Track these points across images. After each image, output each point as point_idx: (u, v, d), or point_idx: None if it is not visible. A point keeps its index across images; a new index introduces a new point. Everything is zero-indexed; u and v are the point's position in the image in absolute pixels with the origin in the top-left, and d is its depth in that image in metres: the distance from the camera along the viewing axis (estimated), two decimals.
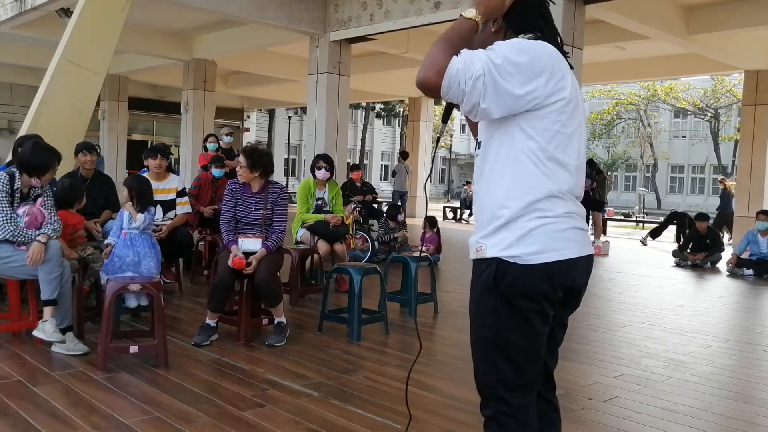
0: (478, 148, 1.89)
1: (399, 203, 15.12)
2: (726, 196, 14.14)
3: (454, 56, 1.67)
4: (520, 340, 1.79)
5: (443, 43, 1.74)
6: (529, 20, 1.86)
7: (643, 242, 12.99)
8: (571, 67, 1.89)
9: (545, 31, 1.87)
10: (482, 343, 1.83)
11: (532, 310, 1.78)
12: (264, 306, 4.55)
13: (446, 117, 1.95)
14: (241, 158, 4.51)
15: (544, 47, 1.78)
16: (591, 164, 12.11)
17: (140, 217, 4.57)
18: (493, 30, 1.90)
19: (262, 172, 4.55)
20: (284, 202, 4.63)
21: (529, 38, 1.80)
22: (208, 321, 4.38)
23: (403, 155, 17.24)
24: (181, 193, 6.00)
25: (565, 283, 1.80)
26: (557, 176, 1.78)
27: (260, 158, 4.52)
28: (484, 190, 1.83)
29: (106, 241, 4.64)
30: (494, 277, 1.76)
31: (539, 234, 1.75)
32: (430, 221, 8.97)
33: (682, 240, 10.45)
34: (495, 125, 1.80)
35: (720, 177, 17.25)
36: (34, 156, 4.12)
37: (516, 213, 1.75)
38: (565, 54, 1.87)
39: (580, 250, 1.81)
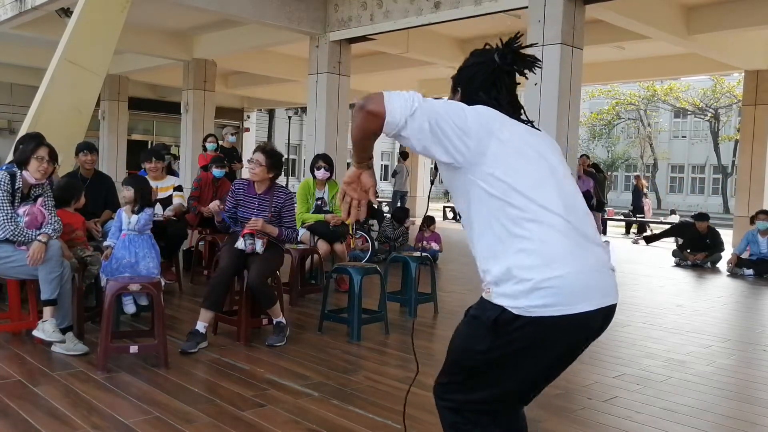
0: None
1: (400, 204, 15.20)
2: (637, 192, 16.34)
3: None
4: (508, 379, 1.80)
5: (358, 124, 1.74)
6: (469, 97, 1.89)
7: (636, 241, 12.99)
8: (535, 126, 1.91)
9: (497, 105, 1.87)
10: (461, 368, 1.84)
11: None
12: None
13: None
14: (260, 156, 4.49)
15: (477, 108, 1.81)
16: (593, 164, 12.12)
17: (134, 218, 4.58)
18: None
19: (275, 174, 4.58)
20: (292, 206, 4.66)
21: None
22: (198, 325, 4.21)
23: (403, 156, 17.30)
24: (177, 188, 6.14)
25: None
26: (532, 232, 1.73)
27: (279, 160, 4.57)
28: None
29: (105, 243, 4.64)
30: (494, 320, 1.73)
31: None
32: (428, 221, 9.01)
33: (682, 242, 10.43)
34: (458, 185, 1.81)
35: (635, 174, 19.06)
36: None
37: (496, 279, 1.75)
38: (523, 121, 1.90)
39: (588, 303, 1.72)
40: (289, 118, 26.55)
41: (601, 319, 1.77)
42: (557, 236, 1.71)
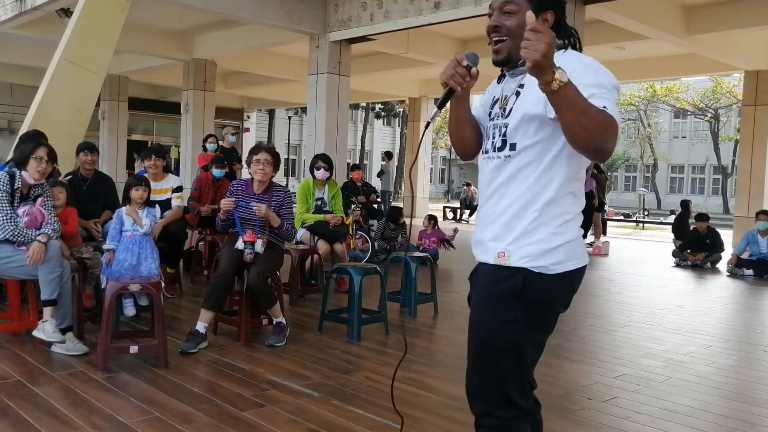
0: (504, 151, 1.83)
1: (390, 202, 15.36)
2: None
3: (609, 114, 1.59)
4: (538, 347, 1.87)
5: (590, 114, 1.56)
6: (565, 29, 1.89)
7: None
8: None
9: (573, 38, 1.92)
10: (498, 351, 1.81)
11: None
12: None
13: (443, 103, 1.83)
14: (268, 156, 4.55)
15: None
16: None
17: (146, 222, 4.57)
18: None
19: (276, 172, 4.68)
20: (290, 205, 4.72)
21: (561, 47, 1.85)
22: (198, 326, 4.20)
23: (388, 155, 17.68)
24: (177, 190, 5.95)
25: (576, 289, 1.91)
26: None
27: (279, 158, 4.67)
28: (514, 196, 1.82)
29: (105, 246, 4.61)
30: (521, 285, 1.78)
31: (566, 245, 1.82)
32: (431, 219, 9.02)
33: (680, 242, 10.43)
34: (546, 137, 1.77)
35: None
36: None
37: (525, 230, 1.81)
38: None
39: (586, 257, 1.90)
40: (289, 118, 26.58)
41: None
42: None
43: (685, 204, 12.33)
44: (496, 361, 1.79)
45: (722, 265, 9.60)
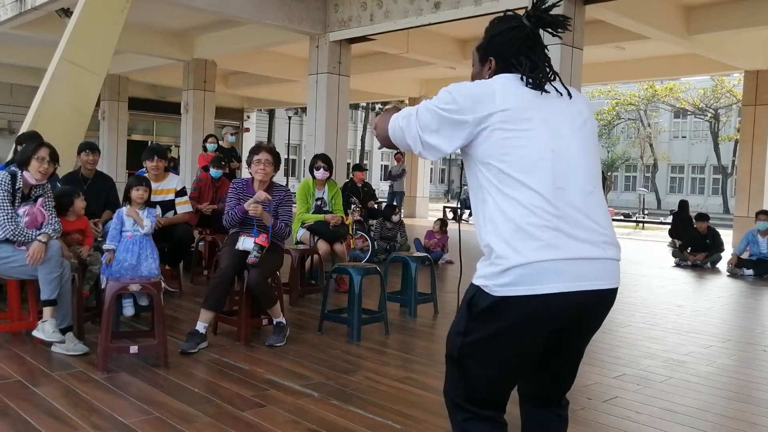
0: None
1: (395, 203, 15.26)
2: None
3: (389, 123, 1.92)
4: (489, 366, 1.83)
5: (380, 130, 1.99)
6: (508, 63, 1.87)
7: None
8: (565, 93, 1.96)
9: (526, 70, 1.84)
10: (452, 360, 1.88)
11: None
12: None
13: None
14: (268, 156, 4.55)
15: (476, 85, 1.82)
16: None
17: (147, 223, 4.57)
18: (486, 77, 1.92)
19: (276, 171, 4.69)
20: (289, 203, 4.70)
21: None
22: (198, 326, 4.20)
23: (403, 155, 17.49)
24: (180, 193, 5.90)
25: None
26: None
27: (279, 158, 4.68)
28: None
29: (105, 246, 4.61)
30: (469, 301, 1.80)
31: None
32: (442, 223, 9.07)
33: (680, 242, 10.43)
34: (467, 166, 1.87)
35: None
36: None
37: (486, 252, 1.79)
38: (540, 88, 1.84)
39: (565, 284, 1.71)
40: (289, 118, 26.58)
41: (579, 300, 1.75)
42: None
43: (683, 204, 12.33)
44: (447, 366, 1.91)
45: (722, 265, 9.60)
